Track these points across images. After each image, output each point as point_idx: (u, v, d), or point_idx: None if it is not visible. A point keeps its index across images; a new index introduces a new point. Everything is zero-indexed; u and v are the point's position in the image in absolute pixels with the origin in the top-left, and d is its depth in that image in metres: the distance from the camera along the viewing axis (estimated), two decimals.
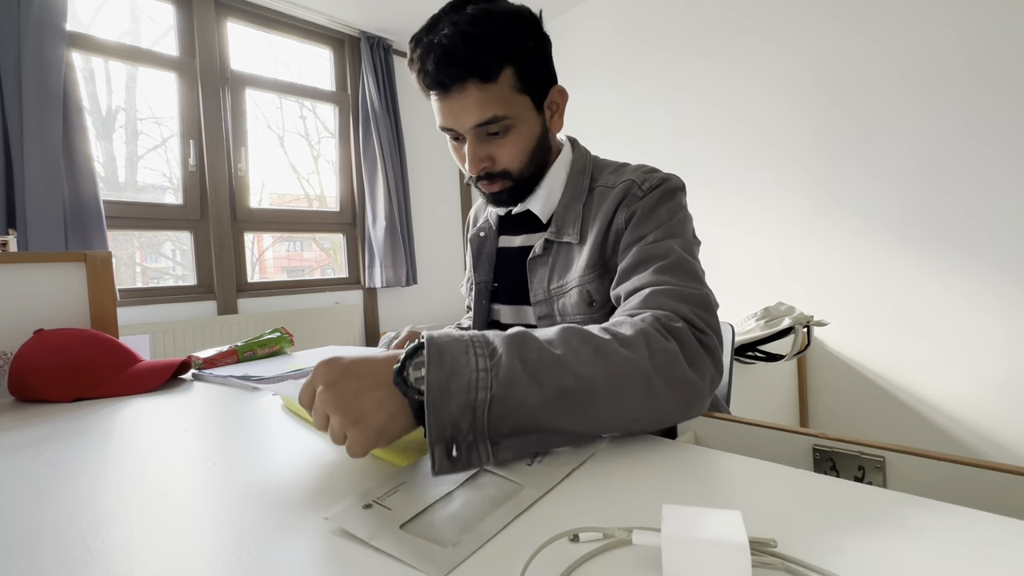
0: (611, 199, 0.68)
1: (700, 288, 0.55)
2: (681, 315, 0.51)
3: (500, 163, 0.68)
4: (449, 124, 0.66)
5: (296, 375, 0.86)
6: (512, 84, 0.64)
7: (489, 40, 0.60)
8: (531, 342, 0.42)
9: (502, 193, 0.71)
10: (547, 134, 0.71)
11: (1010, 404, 1.60)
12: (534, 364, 0.40)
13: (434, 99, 0.65)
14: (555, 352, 0.42)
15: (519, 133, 0.66)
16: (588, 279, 0.67)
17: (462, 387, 0.37)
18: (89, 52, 2.07)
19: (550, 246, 0.72)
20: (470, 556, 0.30)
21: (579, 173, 0.74)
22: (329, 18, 2.67)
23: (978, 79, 1.60)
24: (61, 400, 0.76)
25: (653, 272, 0.57)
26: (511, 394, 0.39)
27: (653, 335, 0.47)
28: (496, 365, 0.39)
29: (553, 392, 0.40)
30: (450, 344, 0.39)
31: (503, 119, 0.64)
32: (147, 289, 2.23)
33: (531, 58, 0.65)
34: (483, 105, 0.62)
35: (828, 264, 1.94)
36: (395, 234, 2.80)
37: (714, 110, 2.22)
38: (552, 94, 0.70)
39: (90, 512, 0.38)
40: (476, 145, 0.66)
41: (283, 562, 0.30)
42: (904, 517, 0.32)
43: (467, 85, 0.61)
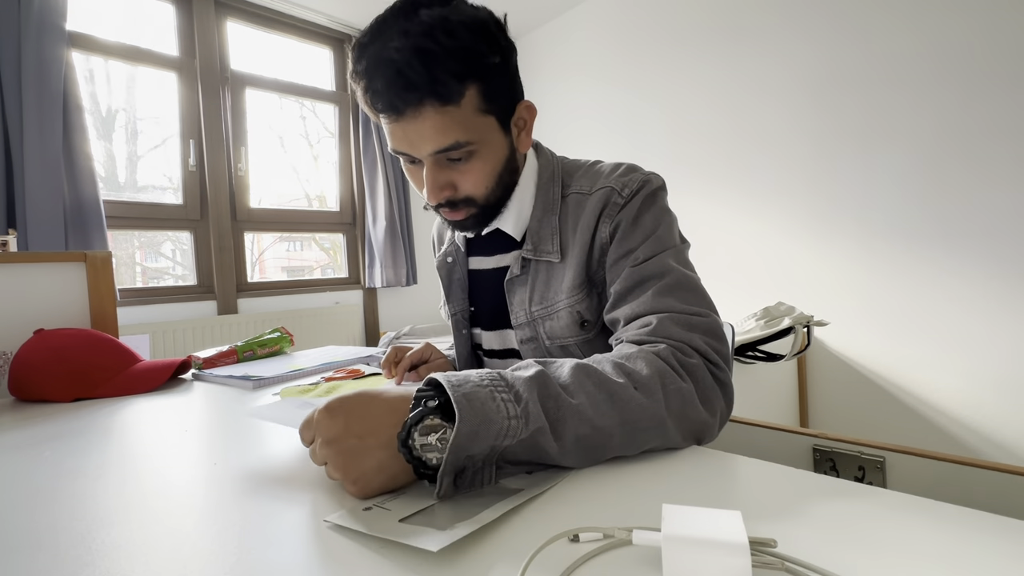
0: (590, 209, 0.63)
1: (708, 313, 0.54)
2: (695, 347, 0.50)
3: (463, 190, 0.60)
4: (403, 149, 0.57)
5: (295, 375, 0.86)
6: (476, 105, 0.55)
7: (449, 56, 0.51)
8: (551, 388, 0.41)
9: (467, 220, 0.63)
10: (514, 155, 0.64)
11: (1010, 404, 1.60)
12: (554, 415, 0.40)
13: (384, 121, 0.56)
14: (572, 401, 0.41)
15: (483, 158, 0.59)
16: (577, 299, 0.63)
17: (492, 434, 0.36)
18: (89, 52, 2.07)
19: (527, 265, 0.66)
20: (467, 556, 0.30)
21: (548, 182, 0.67)
22: (329, 18, 2.67)
23: (978, 79, 1.60)
24: (61, 400, 0.76)
25: (654, 295, 0.54)
26: (535, 443, 0.39)
27: (669, 375, 0.46)
28: (524, 413, 0.38)
29: (571, 442, 0.40)
30: (476, 391, 0.37)
31: (465, 144, 0.56)
32: (147, 289, 2.23)
33: (497, 73, 0.56)
34: (443, 131, 0.54)
35: (828, 264, 1.94)
36: (395, 234, 2.80)
37: (714, 110, 2.22)
38: (519, 110, 0.62)
39: (90, 512, 0.38)
40: (435, 172, 0.58)
41: (283, 562, 0.30)
42: (904, 517, 0.32)
43: (424, 108, 0.52)
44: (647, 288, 0.55)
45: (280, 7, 2.51)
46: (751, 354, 1.57)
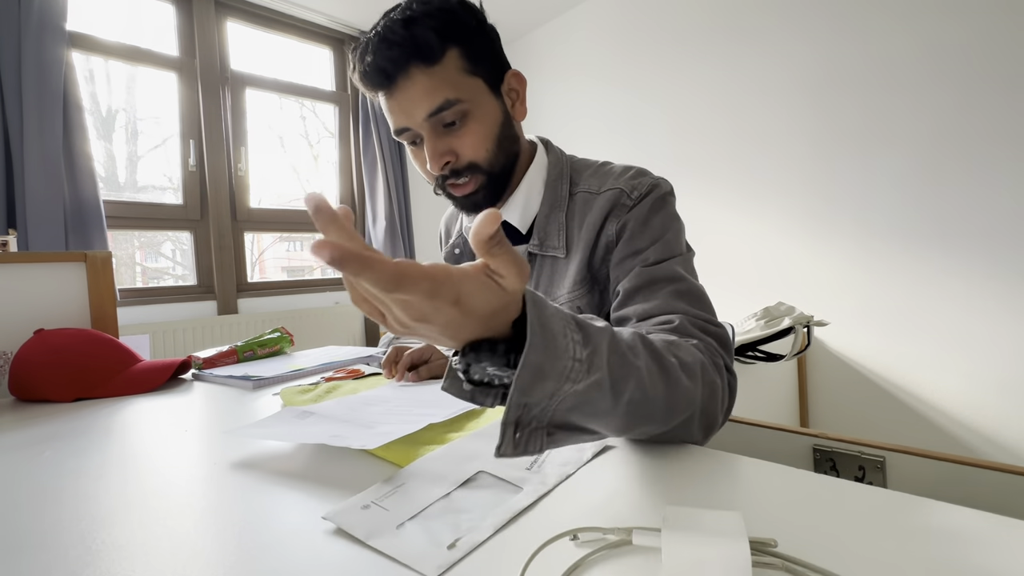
0: (597, 208, 0.64)
1: (719, 323, 0.55)
2: (719, 354, 0.51)
3: (464, 155, 0.61)
4: (402, 122, 0.60)
5: (295, 375, 0.86)
6: (460, 65, 0.59)
7: (424, 19, 0.56)
8: (619, 344, 0.37)
9: (476, 193, 0.64)
10: (511, 122, 0.65)
11: (1011, 404, 1.60)
12: (617, 372, 0.35)
13: (383, 100, 0.61)
14: (635, 363, 0.38)
15: (477, 120, 0.60)
16: (578, 294, 0.64)
17: (556, 372, 0.31)
18: (89, 52, 2.07)
19: (533, 259, 0.68)
20: (466, 556, 0.30)
21: (557, 179, 0.68)
22: (329, 18, 2.67)
23: (976, 80, 1.60)
24: (61, 400, 0.77)
25: (668, 296, 0.55)
26: (590, 397, 0.34)
27: (707, 367, 0.47)
28: (591, 358, 0.33)
29: (624, 404, 0.37)
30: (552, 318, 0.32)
31: (456, 103, 0.58)
32: (147, 289, 2.23)
33: (476, 37, 0.60)
34: (432, 91, 0.57)
35: (828, 264, 1.94)
36: (395, 234, 2.80)
37: (714, 110, 2.22)
38: (508, 79, 0.65)
39: (90, 512, 0.38)
40: (434, 140, 0.60)
41: (283, 562, 0.30)
42: (904, 517, 0.32)
43: (411, 71, 0.57)
44: (659, 289, 0.56)
45: (280, 7, 2.51)
46: (751, 354, 1.57)
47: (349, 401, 0.63)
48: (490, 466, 0.41)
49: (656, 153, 2.41)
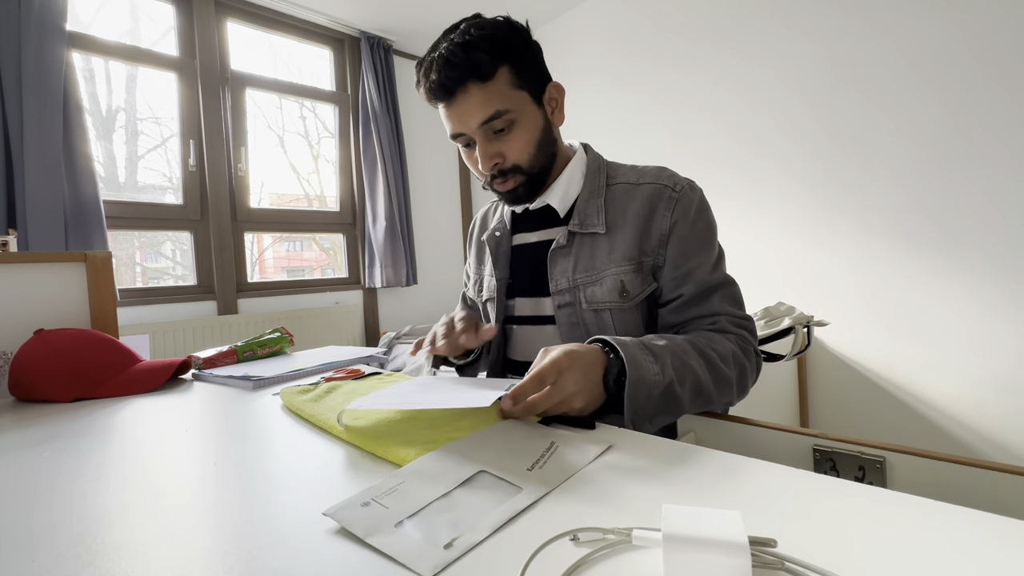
0: (641, 199, 0.73)
1: (751, 318, 0.72)
2: (749, 342, 0.69)
3: (510, 158, 0.72)
4: (458, 129, 0.71)
5: (295, 375, 0.86)
6: (509, 80, 0.69)
7: (481, 43, 0.66)
8: (678, 355, 0.61)
9: (517, 189, 0.74)
10: (551, 128, 0.76)
11: (1010, 404, 1.59)
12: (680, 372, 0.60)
13: (442, 110, 0.72)
14: (689, 362, 0.61)
15: (523, 127, 0.71)
16: (624, 270, 0.71)
17: (647, 385, 0.56)
18: (89, 52, 2.07)
19: (573, 238, 0.75)
20: (464, 556, 0.30)
21: (595, 172, 0.78)
22: (329, 18, 2.67)
23: (978, 77, 1.60)
24: (61, 400, 0.76)
25: (717, 301, 0.70)
26: (670, 391, 0.59)
27: (739, 355, 0.66)
28: (663, 370, 0.58)
29: (688, 390, 0.60)
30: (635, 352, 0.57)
31: (505, 113, 0.69)
32: (147, 289, 2.23)
33: (523, 56, 0.70)
34: (485, 103, 0.68)
35: (828, 264, 1.94)
36: (395, 234, 2.80)
37: (715, 109, 2.22)
38: (549, 90, 0.75)
39: (90, 512, 0.38)
40: (485, 144, 0.71)
41: (283, 562, 0.30)
42: (904, 517, 0.32)
43: (468, 86, 0.67)
44: (710, 295, 0.71)
45: (280, 7, 2.51)
46: None
47: (408, 385, 0.67)
48: (491, 466, 0.41)
49: (657, 152, 2.41)
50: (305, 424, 0.59)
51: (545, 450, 0.45)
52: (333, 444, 0.51)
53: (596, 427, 0.52)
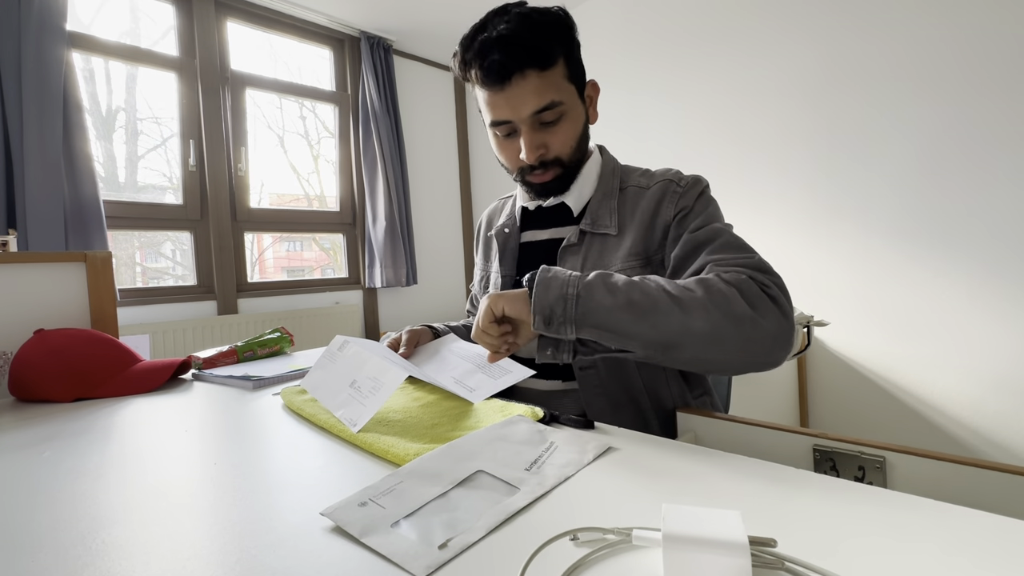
0: (649, 197, 0.73)
1: (753, 255, 0.62)
2: (742, 273, 0.58)
3: (553, 150, 0.71)
4: (505, 116, 0.67)
5: (295, 375, 0.86)
6: (564, 72, 0.68)
7: (546, 26, 0.65)
8: (613, 274, 0.58)
9: (552, 182, 0.73)
10: (588, 124, 0.76)
11: (1010, 404, 1.59)
12: (611, 281, 0.56)
13: (488, 95, 0.67)
14: (629, 278, 0.57)
15: (570, 120, 0.70)
16: (630, 266, 0.70)
17: (558, 284, 0.56)
18: (89, 52, 2.07)
19: (583, 237, 0.75)
20: (460, 556, 0.30)
21: (609, 175, 0.78)
22: (329, 18, 2.67)
23: (976, 78, 1.60)
24: (61, 400, 0.76)
25: (707, 253, 0.63)
26: (592, 296, 0.55)
27: (712, 281, 0.57)
28: (583, 277, 0.56)
29: (623, 300, 0.55)
30: (557, 268, 0.59)
31: (559, 104, 0.67)
32: (147, 289, 2.23)
33: (576, 49, 0.70)
34: (542, 91, 0.66)
35: (827, 264, 1.94)
36: (395, 234, 2.80)
37: (713, 110, 2.22)
38: (588, 87, 0.74)
39: (90, 512, 0.38)
40: (532, 134, 0.68)
41: (282, 562, 0.30)
42: (904, 517, 0.32)
43: (527, 73, 0.64)
44: (702, 249, 0.65)
45: (280, 7, 2.51)
46: None
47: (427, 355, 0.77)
48: (489, 466, 0.41)
49: (656, 153, 2.41)
50: (305, 424, 0.59)
51: (544, 450, 0.45)
52: (333, 444, 0.51)
53: (596, 427, 0.53)
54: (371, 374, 0.60)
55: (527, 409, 0.56)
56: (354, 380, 0.60)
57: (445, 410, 0.59)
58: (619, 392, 0.71)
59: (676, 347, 0.55)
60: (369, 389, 0.57)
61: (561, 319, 0.55)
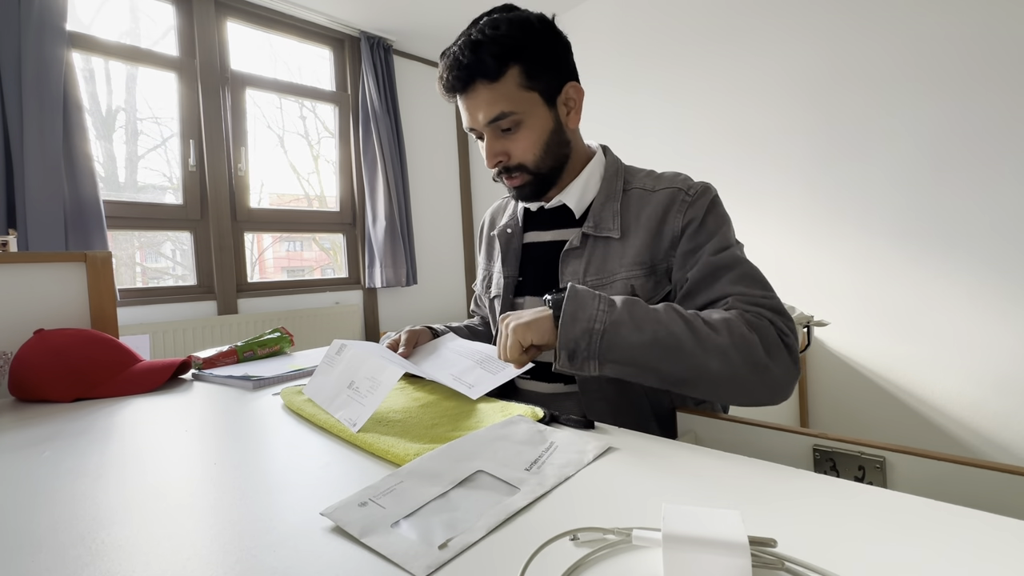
0: (655, 203, 0.72)
1: (772, 295, 0.64)
2: (763, 316, 0.60)
3: (514, 157, 0.72)
4: (468, 124, 0.73)
5: (295, 375, 0.86)
6: (518, 82, 0.69)
7: (491, 44, 0.67)
8: (640, 304, 0.57)
9: (524, 187, 0.75)
10: (562, 129, 0.74)
11: (1010, 404, 1.59)
12: (638, 316, 0.56)
13: (459, 100, 0.72)
14: (655, 313, 0.57)
15: (529, 128, 0.71)
16: (635, 274, 0.70)
17: (585, 317, 0.54)
18: (89, 52, 2.07)
19: (586, 240, 0.74)
20: (460, 556, 0.30)
21: (613, 176, 0.77)
22: (329, 18, 2.67)
23: (977, 78, 1.60)
24: (61, 400, 0.76)
25: (729, 282, 0.64)
26: (618, 332, 0.55)
27: (735, 323, 0.57)
28: (611, 310, 0.55)
29: (649, 337, 0.55)
30: (584, 291, 0.57)
31: (510, 114, 0.69)
32: (147, 289, 2.23)
33: (537, 56, 0.70)
34: (491, 103, 0.69)
35: (828, 264, 1.94)
36: (395, 234, 2.80)
37: (713, 110, 2.22)
38: (567, 90, 0.74)
39: (90, 512, 0.38)
40: (491, 141, 0.72)
41: (282, 562, 0.30)
42: (904, 517, 0.32)
43: (476, 86, 0.68)
44: (721, 275, 0.64)
45: (280, 7, 2.51)
46: None
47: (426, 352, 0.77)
48: (489, 466, 0.41)
49: (656, 153, 2.41)
50: (305, 424, 0.59)
51: (544, 450, 0.45)
52: (333, 444, 0.51)
53: (596, 427, 0.53)
54: (368, 374, 0.60)
55: (527, 409, 0.56)
56: (352, 381, 0.61)
57: (445, 410, 0.59)
58: (620, 396, 0.71)
59: (690, 384, 0.57)
60: (367, 389, 0.57)
61: (585, 354, 0.55)
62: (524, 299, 0.82)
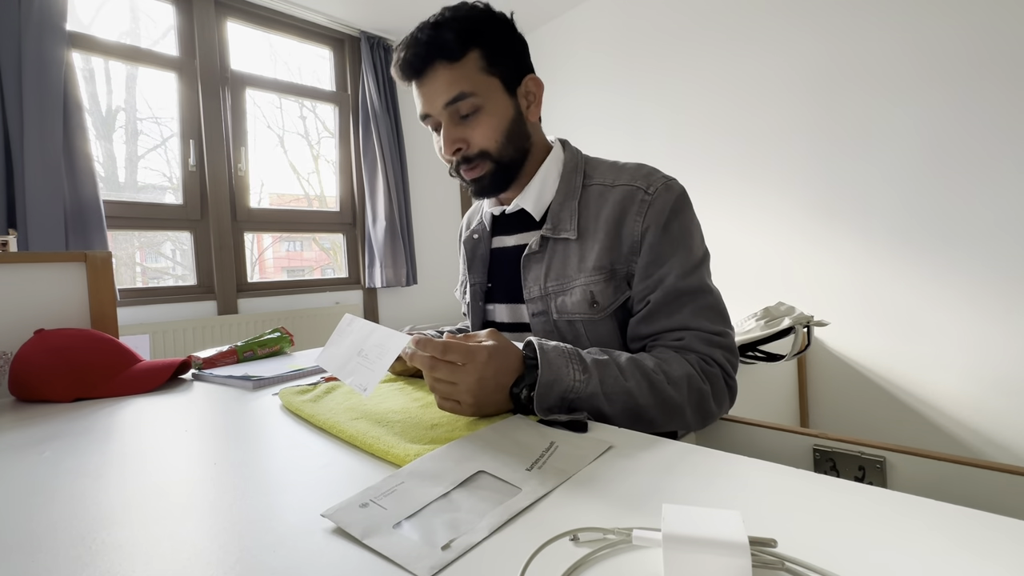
0: (613, 201, 0.69)
1: (728, 333, 0.65)
2: (715, 360, 0.62)
3: (475, 144, 0.69)
4: (425, 109, 0.70)
5: (295, 375, 0.86)
6: (479, 65, 0.67)
7: (452, 24, 0.66)
8: (611, 370, 0.56)
9: (484, 178, 0.71)
10: (523, 120, 0.72)
11: (1010, 404, 1.59)
12: (610, 388, 0.55)
13: (414, 88, 0.70)
14: (625, 384, 0.56)
15: (490, 113, 0.68)
16: (593, 280, 0.67)
17: (561, 390, 0.52)
18: (89, 52, 2.07)
19: (546, 243, 0.72)
20: (462, 557, 0.30)
21: (572, 172, 0.74)
22: (329, 18, 2.67)
23: (977, 77, 1.60)
24: (61, 400, 0.76)
25: (689, 314, 0.64)
26: (592, 404, 0.54)
27: (694, 378, 0.60)
28: (587, 381, 0.53)
29: (619, 409, 0.56)
30: (556, 357, 0.53)
31: (470, 95, 0.67)
32: (147, 289, 2.23)
33: (497, 43, 0.69)
34: (450, 83, 0.66)
35: (828, 264, 1.94)
36: (395, 234, 2.80)
37: (713, 110, 2.22)
38: (526, 83, 0.72)
39: (90, 512, 0.38)
40: (450, 127, 0.69)
41: (282, 562, 0.30)
42: (904, 517, 0.32)
43: (436, 66, 0.66)
44: (683, 305, 0.64)
45: (280, 7, 2.51)
46: (751, 354, 1.57)
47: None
48: (490, 466, 0.41)
49: (656, 153, 2.41)
50: (305, 424, 0.59)
51: (544, 450, 0.45)
52: (333, 444, 0.51)
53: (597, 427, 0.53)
54: (377, 341, 0.60)
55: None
56: (361, 349, 0.61)
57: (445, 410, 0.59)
58: None
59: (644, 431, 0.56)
60: (376, 355, 0.58)
61: (558, 411, 0.53)
62: (494, 306, 0.81)
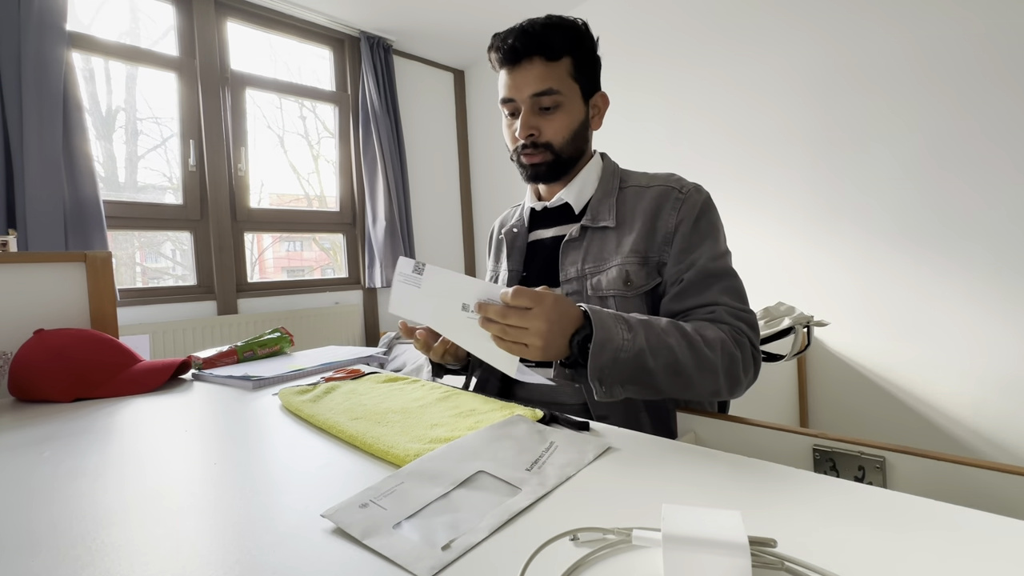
0: (650, 198, 0.77)
1: (751, 311, 0.72)
2: (744, 333, 0.68)
3: (545, 135, 0.77)
4: (511, 94, 0.77)
5: (296, 375, 0.86)
6: (568, 70, 0.76)
7: (558, 29, 0.75)
8: (653, 328, 0.61)
9: (541, 166, 0.79)
10: (587, 126, 0.83)
11: (1011, 404, 1.59)
12: (654, 343, 0.60)
13: (503, 74, 0.78)
14: (667, 340, 0.61)
15: (566, 112, 0.77)
16: (630, 261, 0.74)
17: (613, 348, 0.57)
18: (89, 52, 2.07)
19: (584, 232, 0.80)
20: (462, 557, 0.30)
21: (610, 175, 0.84)
22: (329, 18, 2.67)
23: (977, 77, 1.60)
24: (61, 400, 0.76)
25: (717, 292, 0.71)
26: (639, 361, 0.59)
27: (727, 343, 0.65)
28: (633, 339, 0.59)
29: (662, 364, 0.60)
30: (606, 318, 0.58)
31: (556, 93, 0.75)
32: (147, 289, 2.23)
33: (586, 56, 0.78)
34: (543, 78, 0.74)
35: (828, 264, 1.94)
36: (395, 234, 2.80)
37: (713, 111, 2.22)
38: (596, 97, 0.83)
39: (90, 512, 0.38)
40: (529, 115, 0.76)
41: (283, 561, 0.30)
42: (904, 517, 0.32)
43: (535, 59, 0.74)
44: (712, 284, 0.71)
45: (280, 7, 2.51)
46: None
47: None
48: (490, 467, 0.41)
49: (656, 154, 2.41)
50: (304, 424, 0.59)
51: (544, 450, 0.45)
52: (333, 444, 0.51)
53: (597, 427, 0.53)
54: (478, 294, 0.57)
55: (527, 409, 0.56)
56: (464, 304, 0.57)
57: (445, 411, 0.59)
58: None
59: (681, 392, 0.63)
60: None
61: (609, 381, 0.58)
62: None
